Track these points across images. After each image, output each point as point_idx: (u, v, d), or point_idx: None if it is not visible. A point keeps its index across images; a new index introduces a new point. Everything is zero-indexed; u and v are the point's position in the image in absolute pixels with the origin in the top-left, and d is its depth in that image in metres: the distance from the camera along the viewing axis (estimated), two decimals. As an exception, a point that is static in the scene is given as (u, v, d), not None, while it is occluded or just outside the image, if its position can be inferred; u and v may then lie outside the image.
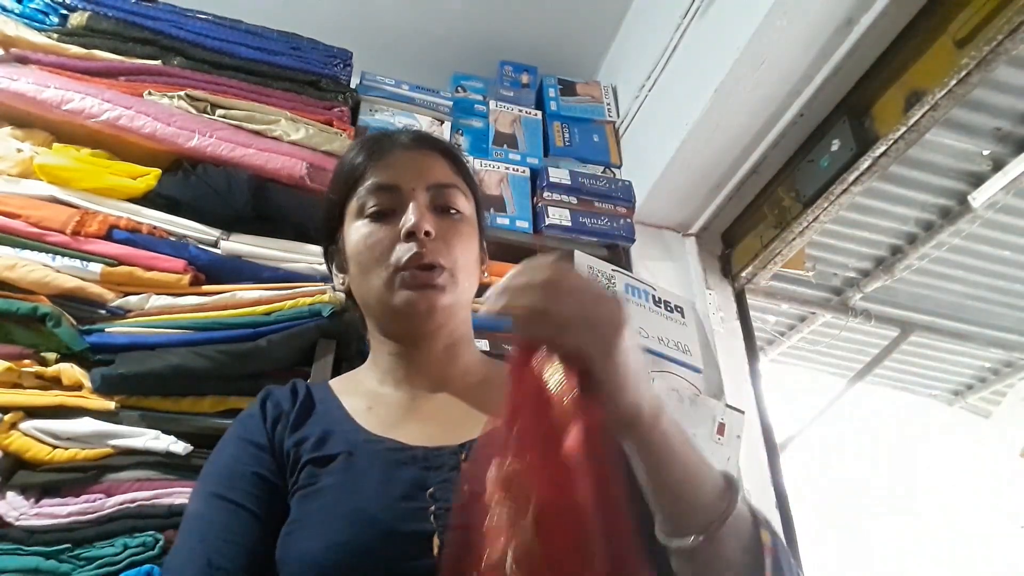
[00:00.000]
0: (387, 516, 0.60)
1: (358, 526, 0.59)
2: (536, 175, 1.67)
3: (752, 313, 1.79)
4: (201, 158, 1.21)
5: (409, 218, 0.72)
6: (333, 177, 0.84)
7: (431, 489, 0.62)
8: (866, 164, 1.39)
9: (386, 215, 0.75)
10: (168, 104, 1.25)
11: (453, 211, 0.77)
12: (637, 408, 0.52)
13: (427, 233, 0.72)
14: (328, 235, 0.85)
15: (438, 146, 0.82)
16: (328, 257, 0.87)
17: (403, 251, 0.72)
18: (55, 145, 1.19)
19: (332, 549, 0.58)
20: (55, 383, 1.02)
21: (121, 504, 0.95)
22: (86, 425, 0.98)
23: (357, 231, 0.76)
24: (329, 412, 0.73)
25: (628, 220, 1.64)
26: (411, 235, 0.72)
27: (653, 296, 1.54)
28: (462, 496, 0.59)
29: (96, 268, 1.08)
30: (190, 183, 1.19)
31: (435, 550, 0.57)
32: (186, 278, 1.12)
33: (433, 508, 0.60)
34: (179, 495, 0.96)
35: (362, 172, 0.78)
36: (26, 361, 1.01)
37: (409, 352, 0.77)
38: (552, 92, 1.88)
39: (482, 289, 0.93)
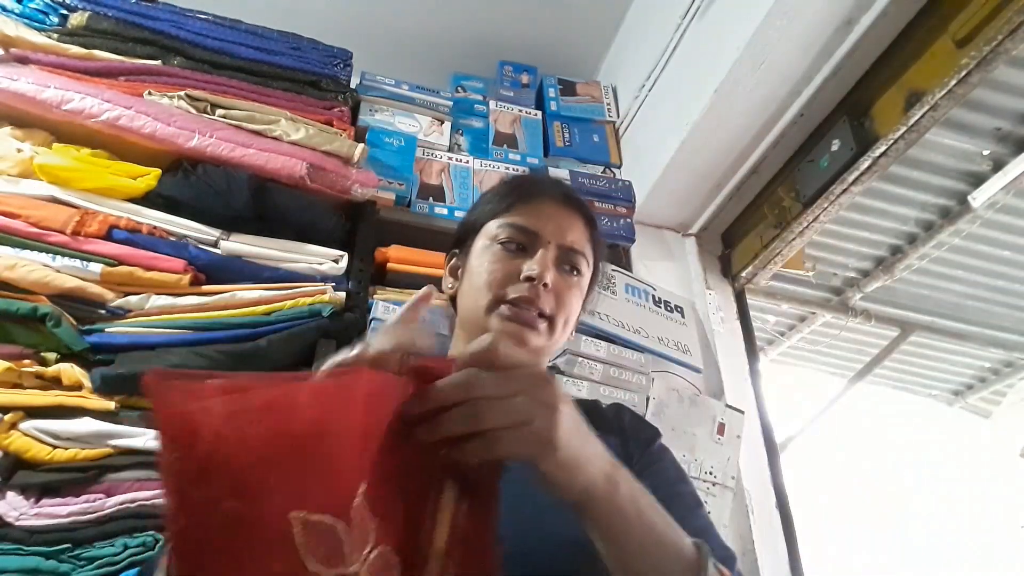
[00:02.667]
0: None
1: None
2: (536, 175, 1.67)
3: (752, 313, 1.79)
4: (201, 158, 1.21)
5: (534, 265, 0.77)
6: (481, 197, 0.91)
7: None
8: (866, 164, 1.39)
9: (515, 250, 0.80)
10: (168, 104, 1.24)
11: (575, 272, 0.82)
12: (591, 488, 0.50)
13: (545, 284, 0.77)
14: (457, 242, 0.90)
15: (582, 210, 0.87)
16: (449, 257, 0.91)
17: (517, 289, 0.77)
18: (55, 145, 1.19)
19: None
20: (55, 383, 1.02)
21: (121, 504, 0.95)
22: (86, 425, 0.98)
23: (485, 251, 0.81)
24: None
25: (628, 220, 1.64)
26: (530, 279, 0.77)
27: (653, 296, 1.54)
28: None
29: (96, 268, 1.08)
30: (190, 183, 1.19)
31: None
32: (186, 278, 1.12)
33: None
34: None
35: (511, 205, 0.83)
36: (26, 361, 1.01)
37: None
38: (552, 92, 1.88)
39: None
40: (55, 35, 1.30)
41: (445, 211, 1.51)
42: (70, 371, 1.01)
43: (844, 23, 1.33)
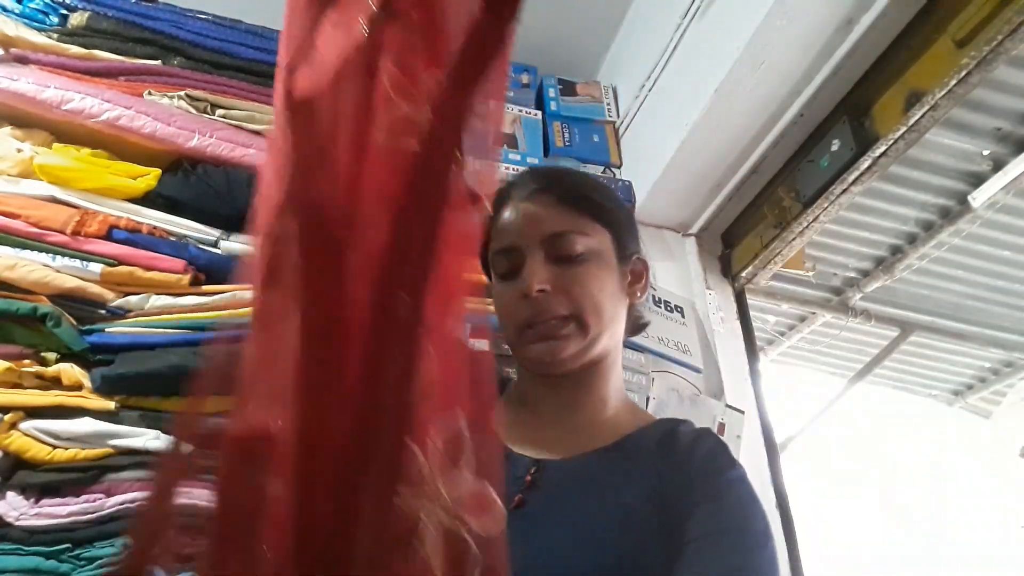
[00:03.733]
0: None
1: None
2: (536, 175, 1.67)
3: (752, 313, 1.79)
4: (201, 158, 1.22)
5: (522, 282, 0.75)
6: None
7: None
8: (866, 164, 1.39)
9: (512, 275, 0.78)
10: (168, 104, 1.25)
11: (575, 257, 0.77)
12: None
13: (541, 291, 0.74)
14: (485, 270, 0.88)
15: (554, 190, 0.80)
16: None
17: (524, 310, 0.75)
18: (55, 145, 1.19)
19: None
20: (55, 383, 1.02)
21: (121, 504, 0.95)
22: (86, 425, 0.98)
23: (494, 288, 0.81)
24: None
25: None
26: (526, 297, 0.75)
27: (653, 296, 1.54)
28: None
29: (96, 268, 1.08)
30: (190, 183, 1.19)
31: None
32: (186, 278, 1.12)
33: None
34: (179, 495, 0.96)
35: (491, 229, 0.81)
36: (26, 361, 1.01)
37: (546, 383, 0.80)
38: (552, 92, 1.88)
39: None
40: (55, 35, 1.30)
41: (445, 211, 1.50)
42: (70, 371, 1.01)
43: (844, 23, 1.33)
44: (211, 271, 1.17)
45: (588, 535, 0.64)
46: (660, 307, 1.53)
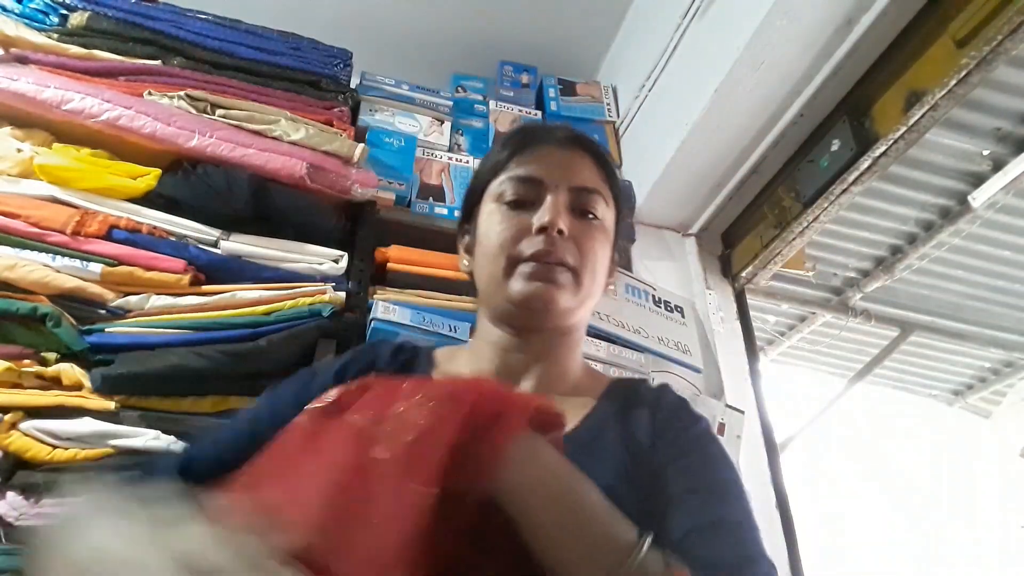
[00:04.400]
0: None
1: None
2: (536, 175, 1.66)
3: (752, 313, 1.79)
4: (201, 158, 1.21)
5: (544, 213, 0.72)
6: (483, 159, 0.85)
7: None
8: (866, 164, 1.39)
9: (523, 205, 0.74)
10: (168, 104, 1.24)
11: (591, 215, 0.76)
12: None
13: (560, 232, 0.72)
14: (465, 215, 0.85)
15: (590, 149, 0.80)
16: (460, 234, 0.86)
17: (531, 244, 0.72)
18: (55, 145, 1.19)
19: None
20: (55, 383, 1.02)
21: (121, 504, 0.95)
22: (86, 425, 0.98)
23: (491, 215, 0.76)
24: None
25: (628, 220, 1.64)
26: (543, 230, 0.71)
27: (653, 296, 1.54)
28: None
29: (96, 268, 1.08)
30: (190, 183, 1.19)
31: None
32: (186, 278, 1.12)
33: None
34: (179, 495, 0.96)
35: (508, 159, 0.78)
36: (26, 361, 1.01)
37: (512, 346, 0.76)
38: (552, 92, 1.88)
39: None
40: (55, 35, 1.30)
41: (445, 211, 1.50)
42: (70, 371, 1.01)
43: (844, 23, 1.33)
44: (211, 271, 1.17)
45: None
46: (660, 307, 1.53)
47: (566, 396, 0.76)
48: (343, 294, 1.22)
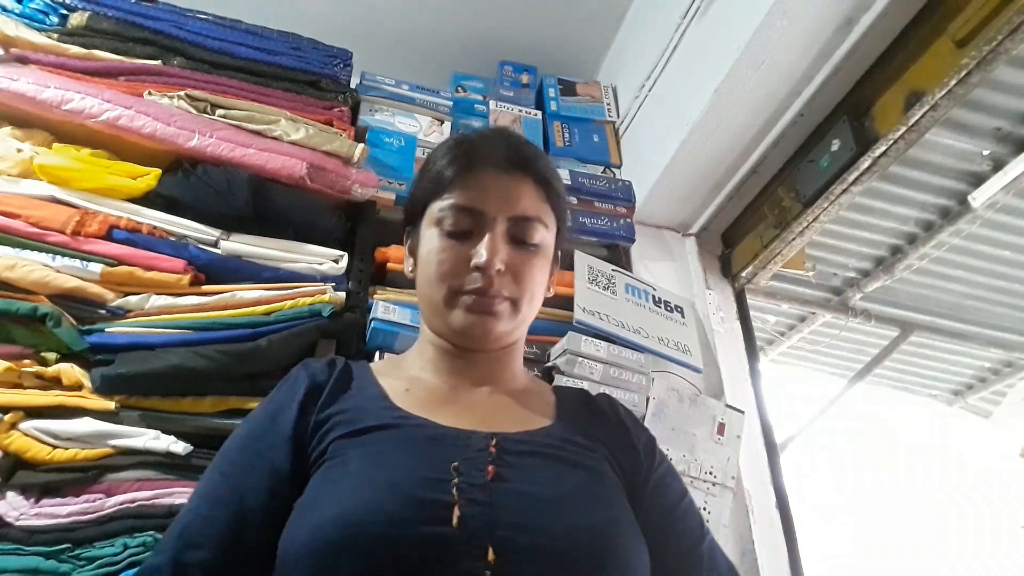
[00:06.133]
0: (409, 483, 0.62)
1: (382, 492, 0.61)
2: (536, 175, 1.66)
3: (752, 313, 1.79)
4: (201, 158, 1.21)
5: (482, 253, 0.73)
6: (422, 169, 0.85)
7: (455, 463, 0.64)
8: (866, 164, 1.39)
9: (462, 235, 0.76)
10: (168, 104, 1.24)
11: (531, 245, 0.78)
12: None
13: (498, 270, 0.74)
14: (409, 217, 0.86)
15: (532, 170, 0.80)
16: (406, 235, 0.88)
17: (471, 280, 0.74)
18: (55, 145, 1.19)
19: (353, 510, 0.60)
20: (55, 383, 1.02)
21: (121, 504, 0.95)
22: (86, 425, 0.98)
23: (431, 241, 0.78)
24: (365, 390, 0.75)
25: (628, 220, 1.64)
26: (479, 268, 0.73)
27: (653, 296, 1.54)
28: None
29: (96, 268, 1.08)
30: (190, 183, 1.19)
31: (454, 520, 0.59)
32: (186, 278, 1.12)
33: (456, 480, 0.62)
34: (179, 495, 0.96)
35: (449, 182, 0.78)
36: (26, 361, 1.01)
37: (457, 353, 0.80)
38: (552, 92, 1.88)
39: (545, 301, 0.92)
40: (55, 35, 1.30)
41: (445, 211, 1.50)
42: (70, 371, 1.01)
43: (844, 23, 1.33)
44: (211, 271, 1.17)
45: (571, 498, 0.65)
46: (660, 307, 1.53)
47: (522, 393, 0.81)
48: (343, 294, 1.22)
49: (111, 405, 1.00)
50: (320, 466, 0.66)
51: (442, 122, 1.66)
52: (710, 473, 1.32)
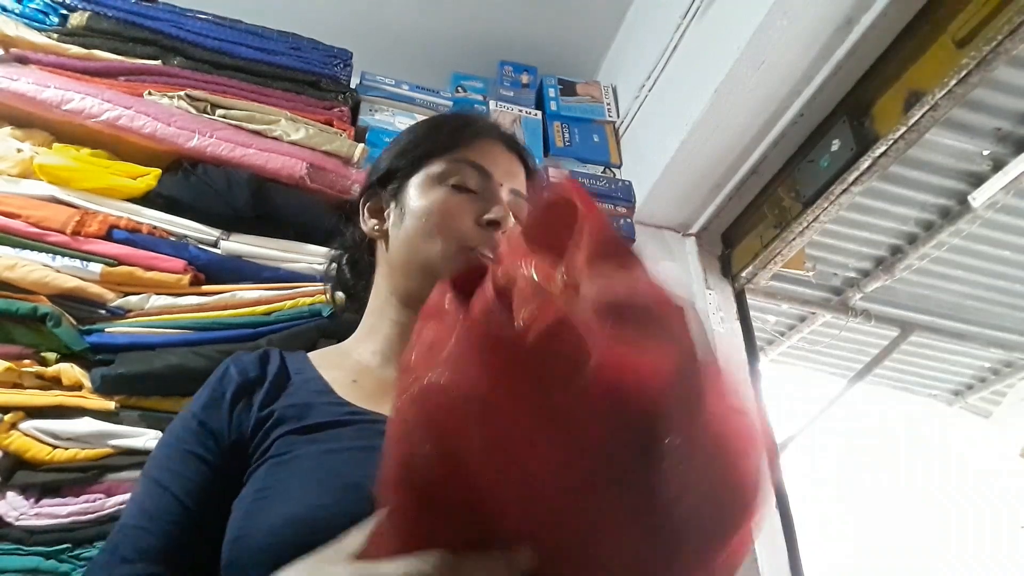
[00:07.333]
0: (369, 483, 0.58)
1: (340, 493, 0.57)
2: (536, 175, 1.66)
3: (752, 313, 1.79)
4: (201, 158, 1.21)
5: (499, 209, 0.72)
6: (424, 126, 0.83)
7: None
8: (866, 164, 1.39)
9: (466, 192, 0.74)
10: (168, 104, 1.24)
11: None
12: None
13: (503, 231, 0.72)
14: (385, 177, 0.82)
15: (524, 158, 0.82)
16: (367, 196, 0.84)
17: (481, 236, 0.72)
18: (55, 145, 1.19)
19: (312, 510, 0.56)
20: (55, 383, 1.02)
21: (121, 504, 0.94)
22: (86, 425, 0.98)
23: (433, 192, 0.75)
24: (307, 384, 0.71)
25: (628, 220, 1.64)
26: (494, 224, 0.72)
27: (653, 296, 1.54)
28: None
29: (96, 268, 1.07)
30: (190, 183, 1.19)
31: None
32: (186, 278, 1.12)
33: None
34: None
35: (458, 141, 0.77)
36: (26, 361, 1.01)
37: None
38: (552, 92, 1.88)
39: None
40: (55, 35, 1.30)
41: (445, 211, 1.50)
42: (70, 371, 1.01)
43: (844, 23, 1.33)
44: (211, 271, 1.16)
45: None
46: (660, 307, 1.53)
47: None
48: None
49: (111, 405, 1.00)
50: (264, 463, 0.63)
51: (442, 122, 1.66)
52: (710, 473, 1.32)
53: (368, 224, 0.82)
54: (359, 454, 0.62)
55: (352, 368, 0.75)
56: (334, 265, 0.93)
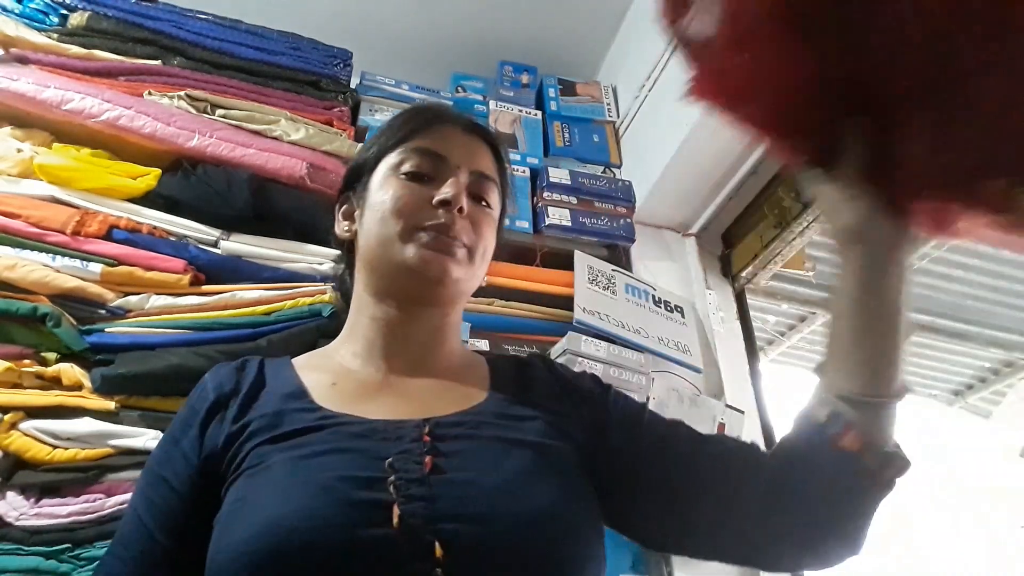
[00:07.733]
0: (344, 485, 0.58)
1: (314, 496, 0.57)
2: (536, 175, 1.67)
3: (752, 313, 1.79)
4: (201, 158, 1.22)
5: (448, 189, 0.72)
6: (380, 129, 0.83)
7: (390, 459, 0.60)
8: (866, 164, 1.39)
9: (423, 179, 0.74)
10: (168, 104, 1.25)
11: (485, 203, 0.77)
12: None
13: (460, 209, 0.72)
14: (350, 181, 0.83)
15: (489, 138, 0.82)
16: (340, 201, 0.85)
17: (431, 215, 0.71)
18: (55, 145, 1.19)
19: (284, 517, 0.56)
20: (55, 383, 1.02)
21: (121, 504, 0.95)
22: (86, 425, 0.98)
23: (388, 184, 0.75)
24: (282, 390, 0.70)
25: (628, 220, 1.64)
26: (445, 204, 0.71)
27: (653, 296, 1.54)
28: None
29: (96, 268, 1.08)
30: (190, 183, 1.19)
31: (395, 520, 0.55)
32: (186, 278, 1.12)
33: (392, 478, 0.58)
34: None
35: (411, 132, 0.77)
36: (26, 361, 1.01)
37: (397, 320, 0.74)
38: (552, 92, 1.88)
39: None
40: (55, 35, 1.31)
41: (445, 211, 1.50)
42: (70, 371, 1.01)
43: (844, 23, 1.33)
44: (211, 271, 1.17)
45: (512, 481, 0.61)
46: (660, 307, 1.53)
47: (457, 369, 0.76)
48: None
49: (111, 405, 1.00)
50: (239, 475, 0.63)
51: (442, 122, 1.66)
52: (710, 473, 1.32)
53: (341, 227, 0.83)
54: (330, 457, 0.61)
55: (334, 370, 0.74)
56: (340, 266, 0.93)
